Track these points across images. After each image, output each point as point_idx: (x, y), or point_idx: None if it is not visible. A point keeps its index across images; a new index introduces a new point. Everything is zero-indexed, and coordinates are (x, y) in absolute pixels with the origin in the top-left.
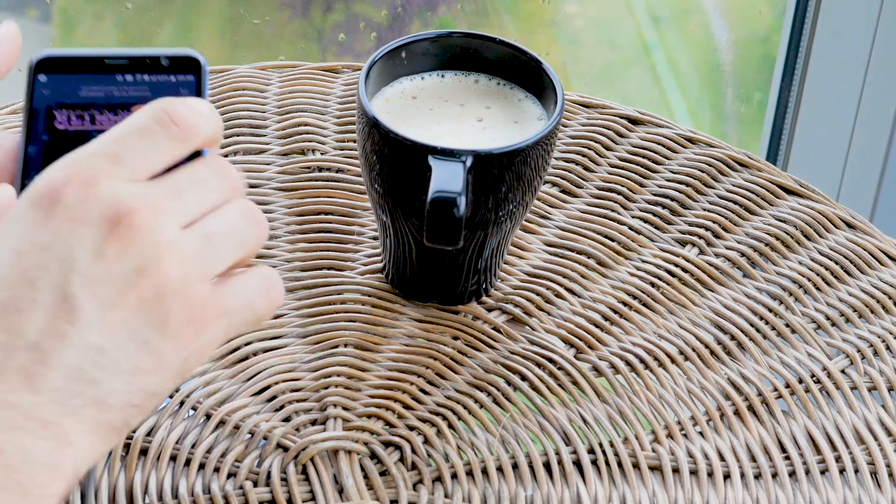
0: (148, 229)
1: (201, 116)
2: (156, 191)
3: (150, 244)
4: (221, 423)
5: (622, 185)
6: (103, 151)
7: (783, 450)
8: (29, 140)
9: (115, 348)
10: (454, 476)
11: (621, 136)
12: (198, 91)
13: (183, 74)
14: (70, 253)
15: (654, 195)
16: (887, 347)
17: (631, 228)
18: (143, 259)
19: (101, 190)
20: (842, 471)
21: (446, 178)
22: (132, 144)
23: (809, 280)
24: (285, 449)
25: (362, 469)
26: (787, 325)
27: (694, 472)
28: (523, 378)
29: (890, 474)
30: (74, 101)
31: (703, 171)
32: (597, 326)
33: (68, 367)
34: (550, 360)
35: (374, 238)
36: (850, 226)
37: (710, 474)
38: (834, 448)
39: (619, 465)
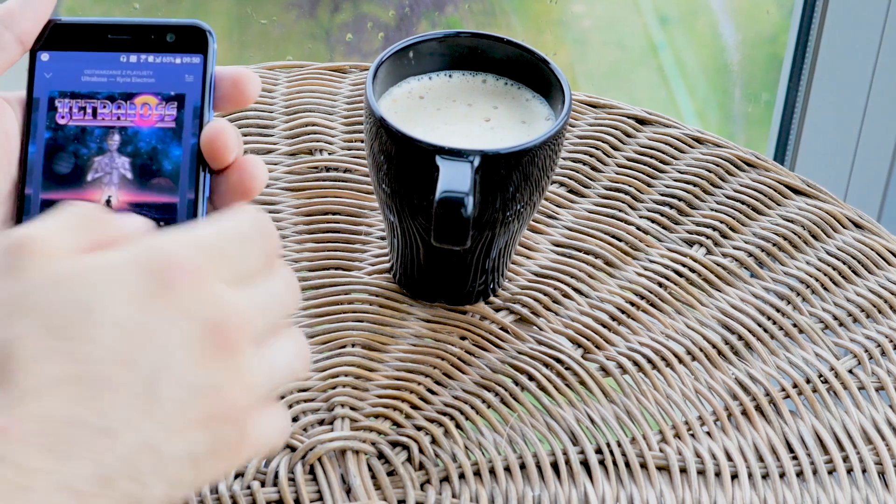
0: (238, 349)
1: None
2: (248, 307)
3: (234, 365)
4: None
5: (630, 185)
6: (211, 245)
7: (791, 450)
8: (30, 137)
9: (171, 457)
10: (462, 476)
11: (629, 136)
12: (203, 75)
13: (189, 55)
14: (170, 345)
15: (662, 195)
16: (895, 347)
17: (638, 228)
18: (225, 378)
19: (208, 290)
20: (849, 471)
21: (454, 178)
22: (234, 247)
23: (817, 280)
24: (293, 449)
25: (370, 469)
26: (795, 325)
27: (701, 472)
28: (531, 378)
29: None
30: (76, 88)
31: (710, 171)
32: (604, 326)
33: (126, 462)
34: (558, 360)
35: (382, 238)
36: (857, 226)
37: (718, 474)
38: (842, 448)
39: (627, 464)
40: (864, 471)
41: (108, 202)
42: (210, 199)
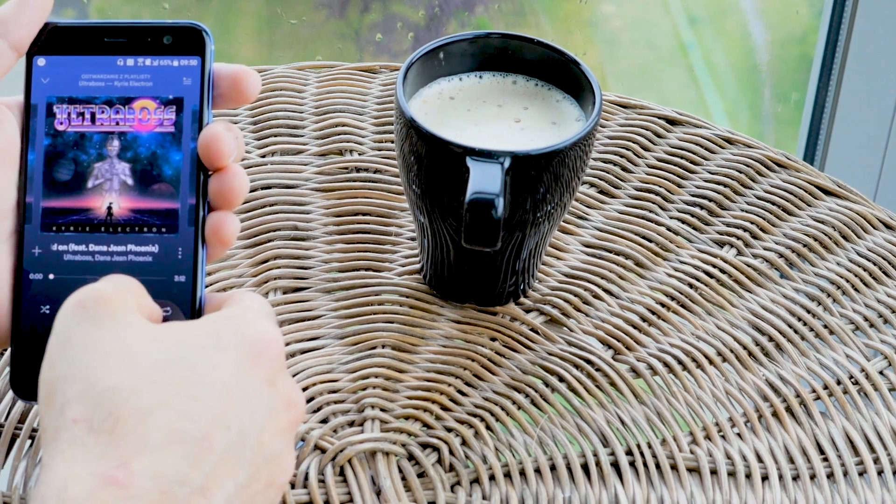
0: (298, 424)
1: None
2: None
3: (292, 437)
4: None
5: (660, 186)
6: (274, 320)
7: (821, 451)
8: (29, 144)
9: None
10: (492, 477)
11: (659, 136)
12: (201, 77)
13: (186, 57)
14: (258, 412)
15: (692, 196)
16: None
17: (669, 229)
18: (286, 447)
19: (284, 362)
20: (880, 472)
21: (484, 180)
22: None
23: (847, 281)
24: (323, 451)
25: (400, 471)
26: (825, 327)
27: (732, 474)
28: (561, 379)
29: None
30: (74, 93)
31: (740, 172)
32: (634, 327)
33: None
34: (588, 362)
35: (412, 239)
36: (887, 226)
37: (748, 476)
38: (872, 449)
39: (657, 466)
40: (894, 472)
41: (109, 209)
42: None
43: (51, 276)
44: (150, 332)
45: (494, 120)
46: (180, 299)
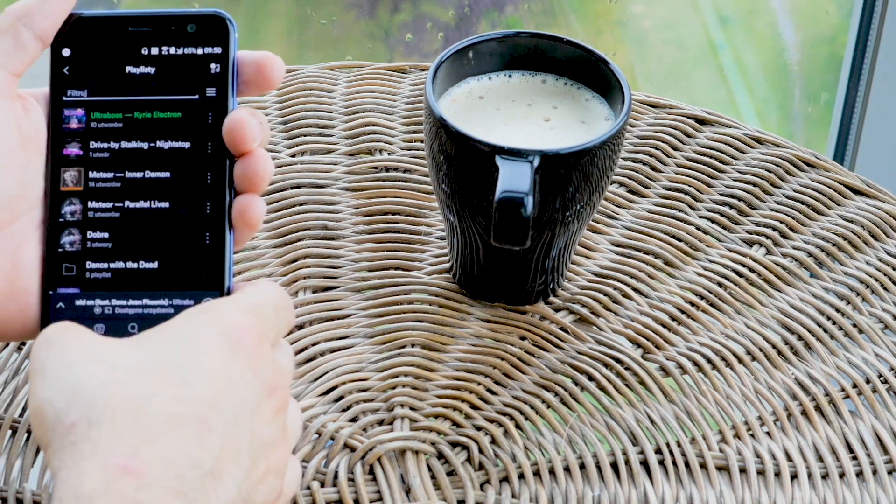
0: (286, 409)
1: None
2: (286, 367)
3: (283, 422)
4: None
5: (689, 185)
6: (261, 312)
7: (850, 450)
8: (56, 134)
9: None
10: (521, 476)
11: (689, 136)
12: (226, 64)
13: (210, 46)
14: (247, 395)
15: (722, 195)
16: None
17: (698, 228)
18: (280, 434)
19: (264, 350)
20: None
21: (514, 178)
22: (274, 315)
23: (877, 280)
24: (352, 449)
25: (429, 469)
26: (855, 325)
27: (761, 473)
28: (590, 378)
29: None
30: (99, 83)
31: (770, 171)
32: (664, 326)
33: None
34: (618, 361)
35: (442, 238)
36: None
37: (778, 474)
38: None
39: (687, 465)
40: None
41: (135, 196)
42: None
43: (79, 265)
44: (122, 341)
45: (524, 119)
46: (209, 285)
